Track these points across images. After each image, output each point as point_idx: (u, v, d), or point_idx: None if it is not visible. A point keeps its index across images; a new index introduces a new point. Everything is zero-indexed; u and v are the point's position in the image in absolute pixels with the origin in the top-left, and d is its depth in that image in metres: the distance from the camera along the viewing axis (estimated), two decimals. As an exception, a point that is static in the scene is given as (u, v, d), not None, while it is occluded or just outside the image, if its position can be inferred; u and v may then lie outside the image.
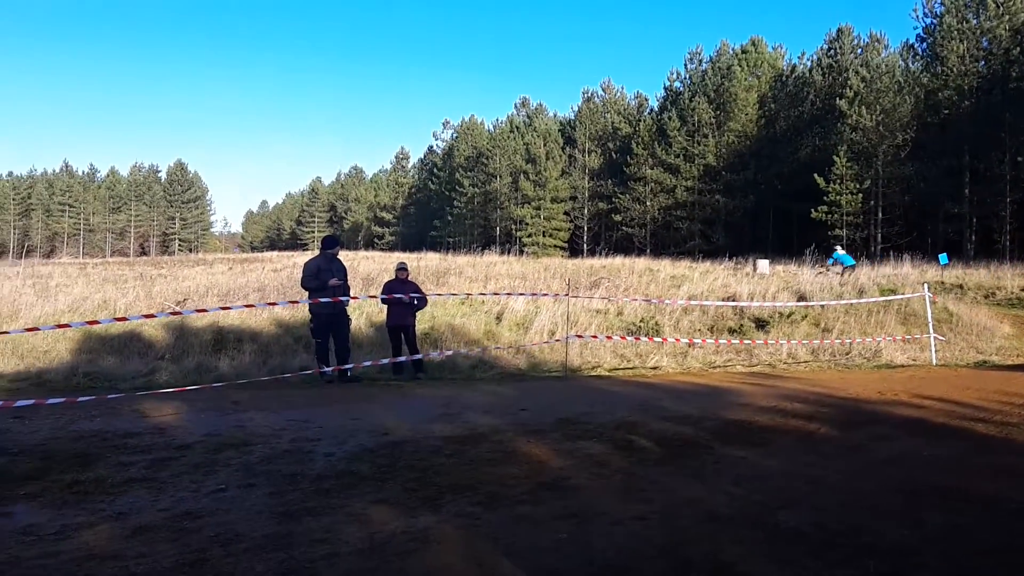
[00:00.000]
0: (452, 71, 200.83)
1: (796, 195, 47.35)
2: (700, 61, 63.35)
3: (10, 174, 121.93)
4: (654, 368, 11.74)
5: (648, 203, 59.46)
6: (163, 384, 9.98)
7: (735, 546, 4.20)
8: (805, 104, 53.97)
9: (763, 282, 19.80)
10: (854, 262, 24.25)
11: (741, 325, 14.56)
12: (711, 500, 5.02)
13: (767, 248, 45.83)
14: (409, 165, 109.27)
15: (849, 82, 46.03)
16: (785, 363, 12.60)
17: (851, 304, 15.16)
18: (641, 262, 29.74)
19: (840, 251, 24.63)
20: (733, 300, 16.51)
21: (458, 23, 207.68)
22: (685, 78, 63.97)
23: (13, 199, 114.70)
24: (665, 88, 66.56)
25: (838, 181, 43.54)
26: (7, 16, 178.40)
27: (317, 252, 11.39)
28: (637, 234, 60.34)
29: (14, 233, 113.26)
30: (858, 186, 43.30)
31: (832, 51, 54.72)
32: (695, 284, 19.63)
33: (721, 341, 12.90)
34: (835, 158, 43.65)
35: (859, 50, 53.03)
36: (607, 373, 11.32)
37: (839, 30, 54.62)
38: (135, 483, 5.36)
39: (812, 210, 44.18)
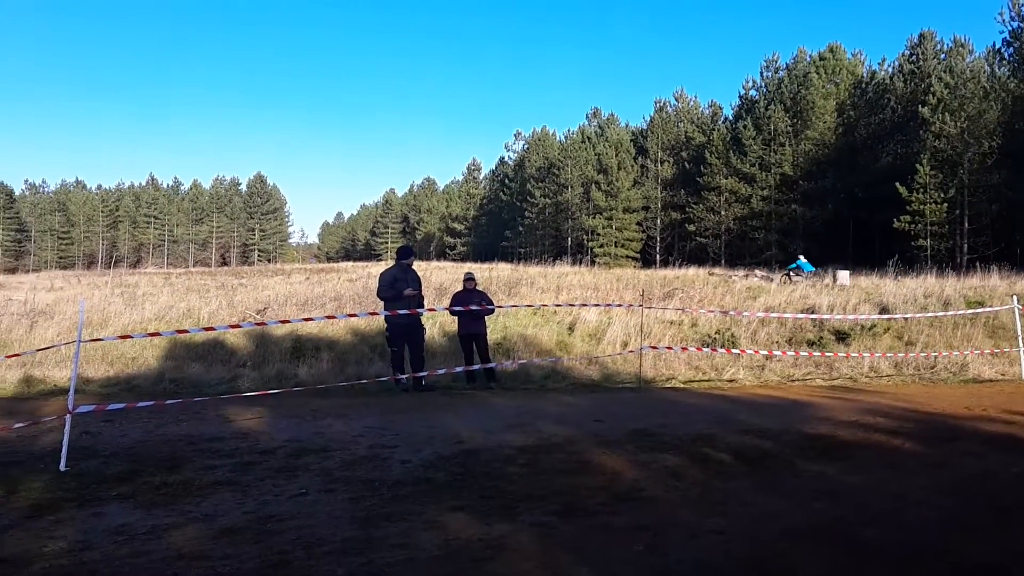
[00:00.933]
0: (524, 83, 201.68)
1: (877, 204, 45.95)
2: (776, 69, 62.20)
3: (99, 187, 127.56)
4: (730, 381, 11.56)
5: (723, 213, 58.51)
6: (245, 390, 10.27)
7: (815, 562, 4.12)
8: (886, 111, 52.39)
9: (843, 293, 19.30)
10: (813, 268, 27.62)
11: (821, 338, 14.21)
12: (791, 515, 4.92)
13: (847, 259, 44.60)
14: (481, 176, 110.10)
15: (932, 88, 44.49)
16: (867, 377, 12.24)
17: (936, 317, 14.65)
18: (716, 273, 29.30)
19: (802, 259, 27.91)
20: (812, 312, 16.15)
21: (530, 35, 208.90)
22: (761, 86, 62.90)
23: (102, 211, 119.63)
24: (740, 96, 65.60)
25: (921, 190, 42.09)
26: (96, 38, 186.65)
27: (391, 262, 11.56)
28: (711, 244, 59.41)
29: (103, 244, 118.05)
30: (942, 195, 41.74)
31: (914, 57, 53.03)
32: (772, 295, 19.26)
33: (801, 354, 12.62)
34: (918, 166, 42.20)
35: (942, 55, 51.20)
36: (682, 385, 11.19)
37: (921, 35, 52.91)
38: (220, 486, 5.54)
39: (895, 220, 42.80)
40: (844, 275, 25.08)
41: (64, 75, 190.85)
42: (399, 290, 10.62)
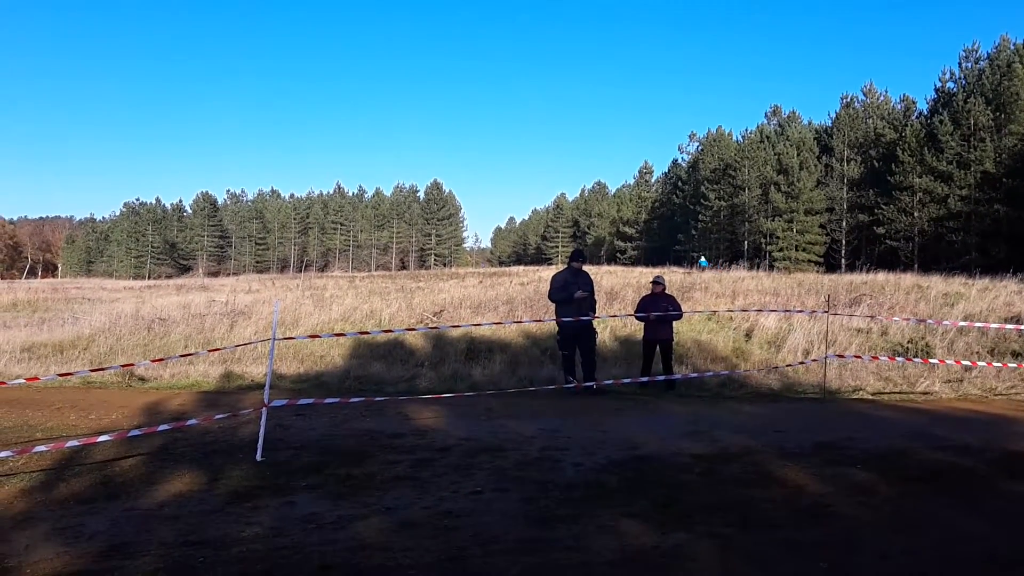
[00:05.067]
0: (698, 83, 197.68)
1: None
2: (977, 59, 57.74)
3: (292, 196, 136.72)
4: (925, 393, 10.75)
5: (916, 214, 54.77)
6: (423, 389, 10.63)
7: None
8: (1102, 100, 47.36)
9: (1055, 301, 17.56)
10: (708, 264, 32.39)
11: (1028, 348, 12.98)
12: (992, 538, 4.54)
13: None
14: (652, 179, 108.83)
15: None
16: (1084, 393, 11.03)
17: None
18: (908, 278, 27.30)
19: (703, 259, 33.10)
20: (1018, 321, 14.78)
21: (704, 33, 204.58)
22: (959, 78, 58.58)
23: (294, 218, 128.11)
24: (936, 90, 61.35)
25: None
26: (285, 55, 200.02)
27: (562, 266, 11.60)
28: (903, 248, 55.66)
29: (294, 249, 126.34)
30: None
31: None
32: (972, 303, 17.79)
33: (1009, 365, 11.55)
34: None
35: None
36: (870, 397, 10.52)
37: None
38: (401, 480, 5.74)
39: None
40: (1056, 280, 22.84)
41: (261, 89, 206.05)
42: (570, 292, 10.64)
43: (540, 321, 11.88)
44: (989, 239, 49.99)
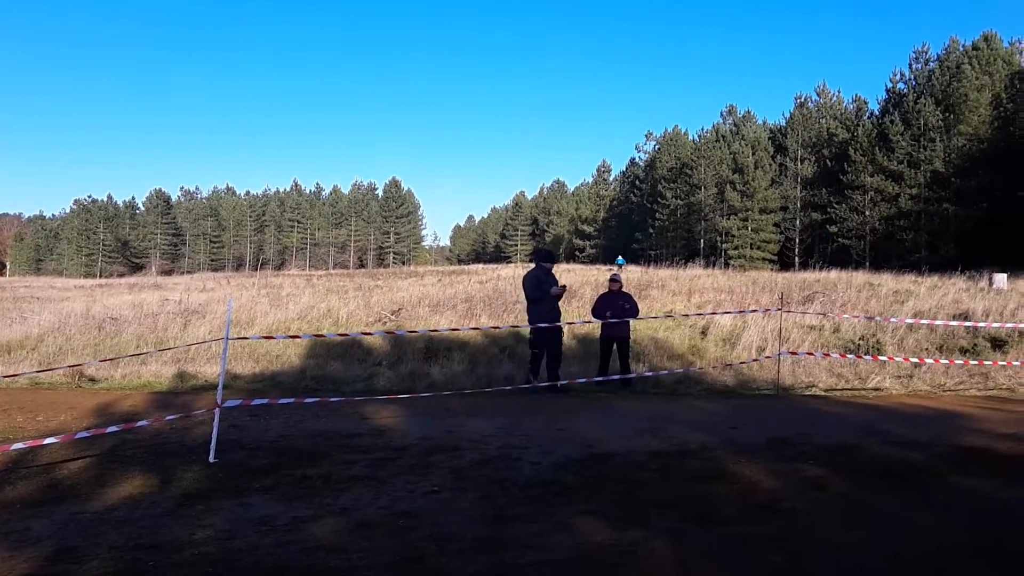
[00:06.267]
0: (654, 83, 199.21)
1: (1037, 202, 42.70)
2: (927, 60, 59.08)
3: (247, 193, 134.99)
4: (876, 389, 10.96)
5: (867, 213, 55.83)
6: (381, 388, 10.56)
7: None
8: (1047, 102, 48.65)
9: (1000, 298, 18.02)
10: (624, 262, 35.63)
11: (975, 345, 13.31)
12: (942, 531, 4.63)
13: (1004, 261, 41.62)
14: (611, 178, 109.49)
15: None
16: (1027, 387, 11.35)
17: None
18: (859, 276, 27.82)
19: (620, 258, 35.54)
20: (966, 318, 15.14)
21: (661, 33, 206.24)
22: (910, 79, 59.85)
23: (250, 216, 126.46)
24: (887, 90, 62.59)
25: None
26: (240, 47, 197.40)
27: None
28: (855, 246, 56.68)
29: (250, 247, 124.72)
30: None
31: (1080, 43, 49.13)
32: (922, 300, 18.19)
33: (955, 362, 11.83)
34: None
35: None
36: (823, 393, 10.70)
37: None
38: (357, 481, 5.70)
39: (1059, 219, 39.69)
40: (1001, 278, 23.44)
41: (216, 84, 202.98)
42: (545, 290, 10.79)
43: (496, 328, 11.84)
44: (938, 237, 51.19)
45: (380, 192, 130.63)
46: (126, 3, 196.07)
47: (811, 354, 11.99)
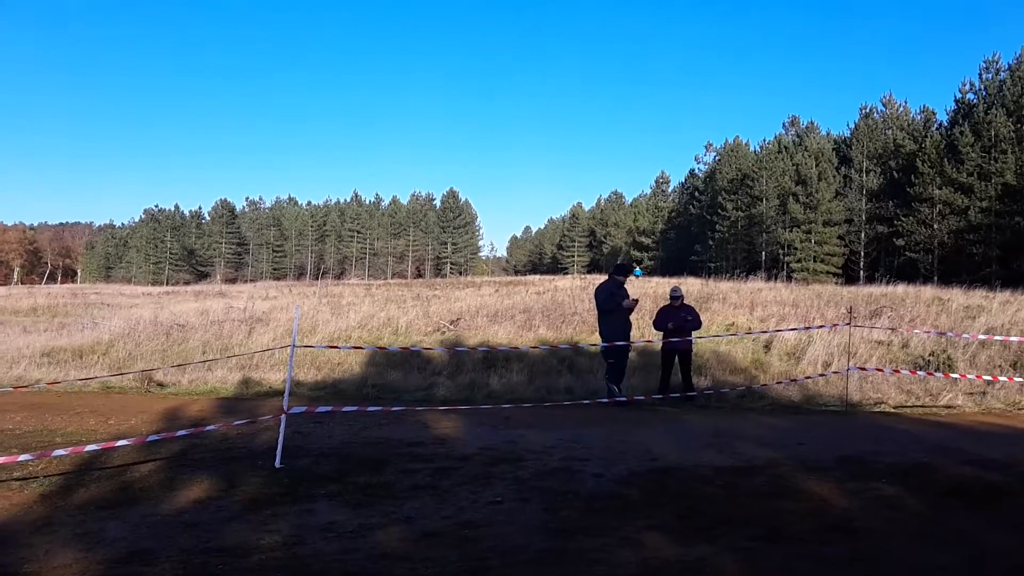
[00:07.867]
0: (715, 93, 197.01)
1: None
2: (997, 70, 57.17)
3: (309, 203, 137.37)
4: (947, 407, 10.61)
5: (935, 226, 54.26)
6: (441, 398, 10.60)
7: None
8: None
9: (1079, 314, 17.31)
10: (641, 272, 39.07)
11: (1052, 363, 12.80)
12: (1021, 552, 4.46)
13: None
14: (669, 189, 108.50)
15: None
16: (1110, 408, 10.86)
17: None
18: (928, 290, 27.01)
19: (638, 269, 36.20)
20: (1042, 334, 14.57)
21: (722, 43, 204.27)
22: (980, 89, 58.03)
23: (311, 226, 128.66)
24: (956, 101, 60.69)
25: None
26: (301, 66, 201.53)
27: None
28: (922, 260, 55.12)
29: (311, 256, 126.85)
30: None
31: None
32: (994, 315, 17.58)
33: (1029, 380, 11.38)
34: None
35: None
36: (892, 410, 10.40)
37: None
38: (420, 490, 5.70)
39: None
40: (1079, 294, 22.53)
41: (281, 101, 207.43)
42: (617, 302, 10.84)
43: (555, 347, 11.77)
44: (1010, 252, 49.41)
45: (438, 203, 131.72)
46: (196, 16, 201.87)
47: (880, 370, 11.66)
